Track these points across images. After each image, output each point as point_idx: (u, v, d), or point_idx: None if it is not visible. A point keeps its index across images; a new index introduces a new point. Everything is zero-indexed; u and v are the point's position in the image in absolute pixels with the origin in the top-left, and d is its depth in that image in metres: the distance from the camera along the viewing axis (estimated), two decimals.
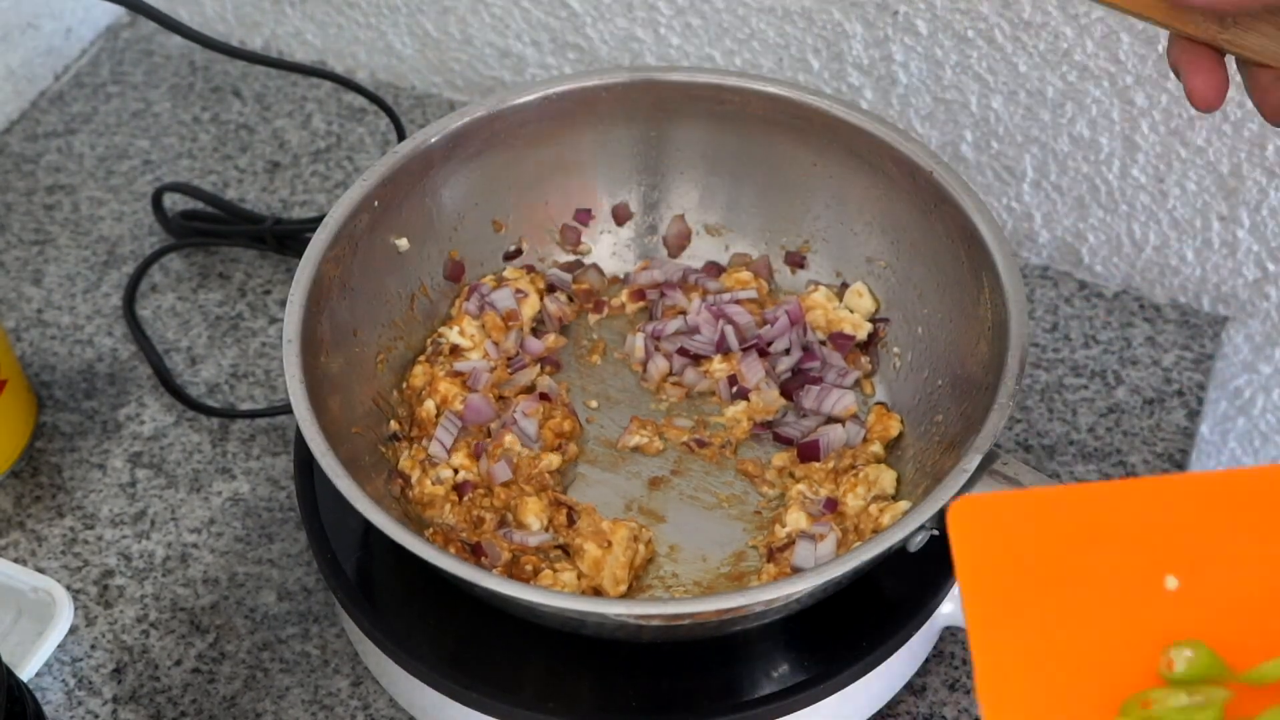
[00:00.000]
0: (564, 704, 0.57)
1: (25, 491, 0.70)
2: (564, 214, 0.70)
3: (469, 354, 0.66)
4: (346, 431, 0.60)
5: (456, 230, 0.68)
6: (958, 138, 0.79)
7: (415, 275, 0.67)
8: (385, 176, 0.63)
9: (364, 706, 0.62)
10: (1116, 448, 0.71)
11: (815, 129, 0.65)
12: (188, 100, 0.90)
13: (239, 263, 0.80)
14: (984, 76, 0.75)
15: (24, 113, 0.90)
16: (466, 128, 0.65)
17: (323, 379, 0.59)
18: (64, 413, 0.73)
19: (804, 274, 0.69)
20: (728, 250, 0.70)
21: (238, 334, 0.77)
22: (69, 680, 0.63)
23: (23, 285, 0.80)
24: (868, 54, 0.77)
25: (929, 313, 0.64)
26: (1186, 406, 0.73)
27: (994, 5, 0.72)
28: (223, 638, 0.64)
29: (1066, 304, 0.78)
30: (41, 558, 0.68)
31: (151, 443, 0.72)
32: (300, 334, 0.58)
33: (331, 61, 0.93)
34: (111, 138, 0.88)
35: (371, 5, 0.88)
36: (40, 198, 0.84)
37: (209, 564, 0.67)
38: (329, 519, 0.60)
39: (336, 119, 0.88)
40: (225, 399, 0.74)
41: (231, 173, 0.86)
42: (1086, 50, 0.72)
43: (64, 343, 0.77)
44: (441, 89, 0.91)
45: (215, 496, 0.70)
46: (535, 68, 0.87)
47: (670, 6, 0.80)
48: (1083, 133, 0.75)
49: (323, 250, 0.60)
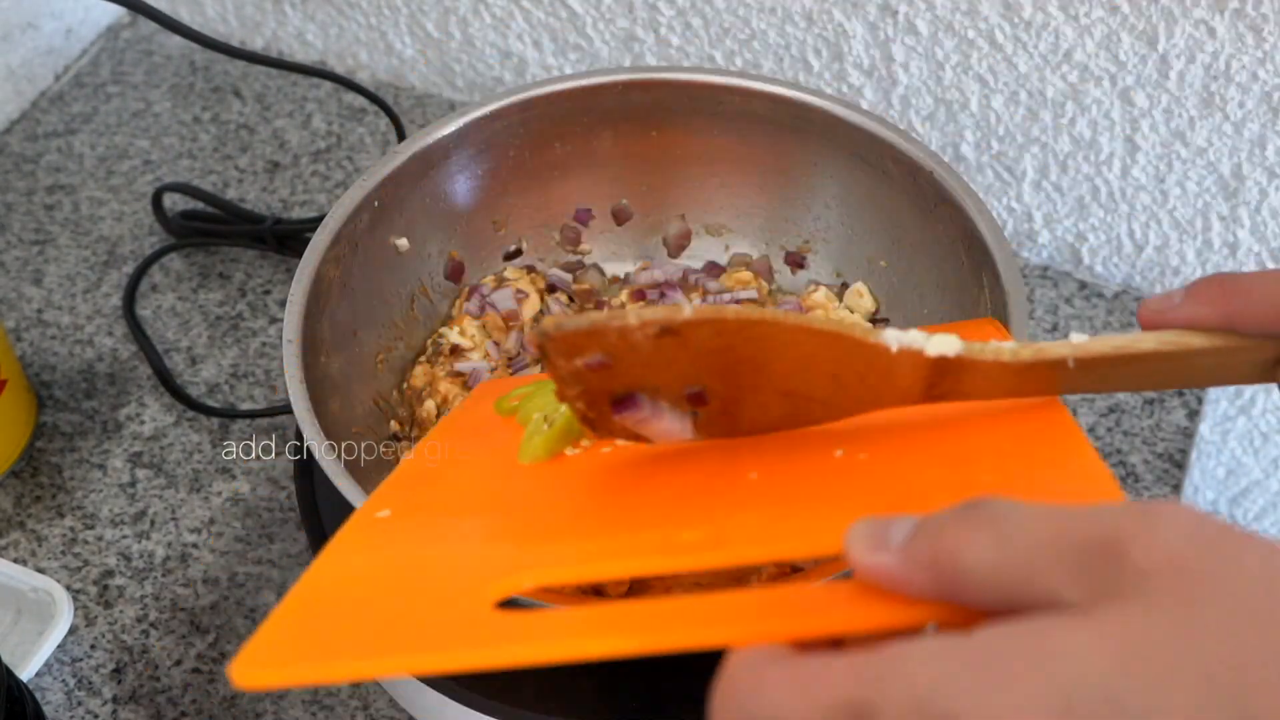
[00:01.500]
0: (564, 704, 0.57)
1: (25, 491, 0.70)
2: (564, 214, 0.70)
3: (469, 354, 0.66)
4: (346, 431, 0.60)
5: (456, 230, 0.68)
6: (958, 138, 0.79)
7: (415, 275, 0.67)
8: (385, 176, 0.63)
9: (364, 706, 0.62)
10: (1116, 447, 0.71)
11: (816, 129, 0.65)
12: (188, 100, 0.90)
13: (239, 263, 0.80)
14: (984, 77, 0.75)
15: (24, 113, 0.90)
16: (466, 128, 0.65)
17: (323, 379, 0.59)
18: (64, 413, 0.73)
19: (804, 274, 0.69)
20: (728, 250, 0.70)
21: (238, 334, 0.77)
22: (69, 680, 0.63)
23: (23, 285, 0.80)
24: (868, 54, 0.77)
25: (929, 313, 0.64)
26: (1186, 406, 0.73)
27: (994, 6, 0.72)
28: (223, 638, 0.64)
29: (1066, 304, 0.78)
30: (41, 558, 0.68)
31: (151, 443, 0.72)
32: (300, 334, 0.58)
33: (332, 62, 0.93)
34: (112, 138, 0.88)
35: (372, 6, 0.88)
36: (40, 198, 0.84)
37: (209, 564, 0.67)
38: (329, 519, 0.60)
39: (337, 119, 0.88)
40: (225, 399, 0.74)
41: (231, 173, 0.86)
42: (1087, 51, 0.72)
43: (64, 343, 0.77)
44: (442, 89, 0.91)
45: (215, 496, 0.70)
46: (536, 68, 0.87)
47: (671, 7, 0.80)
48: (1083, 133, 0.75)
49: (323, 250, 0.60)
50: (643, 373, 0.43)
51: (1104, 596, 0.26)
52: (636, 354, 0.42)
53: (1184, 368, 0.41)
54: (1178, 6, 0.68)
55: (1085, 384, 0.42)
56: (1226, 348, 0.40)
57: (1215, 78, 0.70)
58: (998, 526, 0.28)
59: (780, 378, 0.43)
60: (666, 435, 0.44)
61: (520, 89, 0.65)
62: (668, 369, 0.43)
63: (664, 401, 0.44)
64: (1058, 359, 0.41)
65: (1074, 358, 0.40)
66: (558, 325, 0.41)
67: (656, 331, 0.41)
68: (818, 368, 0.42)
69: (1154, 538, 0.27)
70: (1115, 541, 0.27)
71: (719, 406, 0.44)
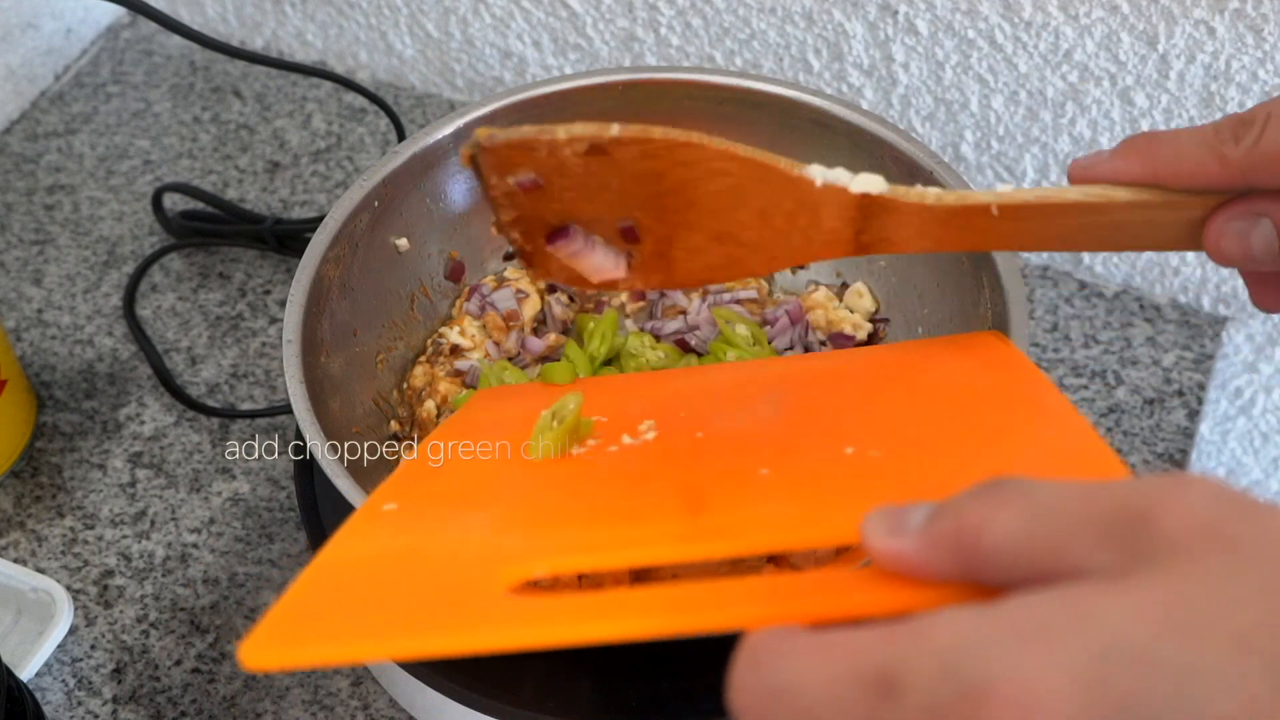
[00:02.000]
0: (564, 704, 0.57)
1: (25, 491, 0.70)
2: None
3: (470, 354, 0.66)
4: (346, 431, 0.60)
5: (456, 230, 0.68)
6: (958, 138, 0.79)
7: (415, 275, 0.67)
8: (385, 176, 0.63)
9: (364, 706, 0.62)
10: (1117, 448, 0.71)
11: (815, 129, 0.65)
12: (188, 100, 0.90)
13: (239, 263, 0.80)
14: (984, 77, 0.75)
15: (24, 113, 0.90)
16: (466, 127, 0.65)
17: (323, 379, 0.59)
18: (64, 413, 0.73)
19: (804, 274, 0.69)
20: None
21: (238, 334, 0.77)
22: (69, 680, 0.63)
23: (23, 285, 0.80)
24: (868, 54, 0.77)
25: (929, 313, 0.64)
26: (1187, 406, 0.73)
27: (994, 6, 0.72)
28: (223, 638, 0.64)
29: (1066, 304, 0.78)
30: (41, 558, 0.68)
31: (151, 443, 0.72)
32: (300, 334, 0.58)
33: (332, 62, 0.93)
34: (112, 138, 0.88)
35: (372, 6, 0.88)
36: (40, 198, 0.84)
37: (209, 564, 0.67)
38: (329, 519, 0.60)
39: (337, 119, 0.88)
40: (225, 399, 0.74)
41: (231, 173, 0.86)
42: (1087, 51, 0.72)
43: (64, 343, 0.77)
44: (442, 89, 0.91)
45: (215, 496, 0.70)
46: (536, 68, 0.87)
47: (671, 7, 0.80)
48: (1083, 133, 0.75)
49: (323, 250, 0.60)
50: (575, 198, 0.43)
51: (1137, 563, 0.26)
52: (568, 175, 0.42)
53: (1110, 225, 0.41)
54: (1178, 6, 0.68)
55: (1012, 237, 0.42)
56: (1150, 202, 0.40)
57: (1215, 78, 0.70)
58: (1023, 502, 0.28)
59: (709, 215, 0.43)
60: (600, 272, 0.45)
61: (520, 89, 0.65)
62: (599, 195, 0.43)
63: (597, 235, 0.44)
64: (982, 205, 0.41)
65: (998, 204, 0.41)
66: (490, 136, 0.42)
67: (585, 148, 0.42)
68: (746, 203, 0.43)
69: (1183, 506, 0.27)
70: (1144, 511, 0.27)
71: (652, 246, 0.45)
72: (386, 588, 0.36)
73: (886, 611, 0.29)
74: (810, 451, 0.43)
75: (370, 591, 0.35)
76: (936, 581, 0.29)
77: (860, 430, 0.44)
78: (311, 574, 0.36)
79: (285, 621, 0.33)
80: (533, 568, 0.35)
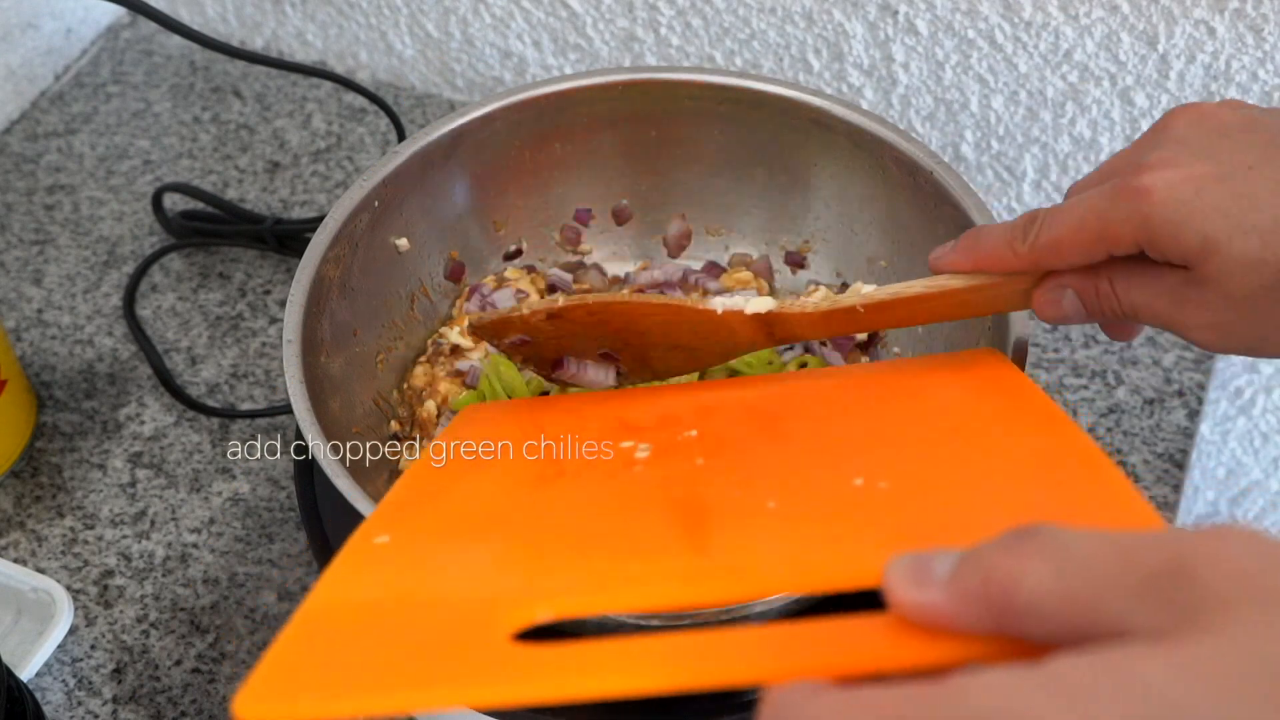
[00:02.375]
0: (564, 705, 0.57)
1: (25, 491, 0.70)
2: (564, 214, 0.70)
3: (470, 354, 0.66)
4: (347, 431, 0.60)
5: (456, 230, 0.68)
6: (958, 138, 0.79)
7: (415, 275, 0.67)
8: (385, 176, 0.63)
9: None
10: (1117, 448, 0.71)
11: (815, 129, 0.65)
12: (188, 100, 0.90)
13: (239, 263, 0.80)
14: (984, 77, 0.75)
15: (24, 113, 0.90)
16: (466, 127, 0.65)
17: (323, 379, 0.59)
18: (64, 413, 0.73)
19: (804, 274, 0.69)
20: (728, 250, 0.70)
21: (238, 334, 0.77)
22: (69, 680, 0.63)
23: (23, 285, 0.80)
24: (868, 54, 0.77)
25: None
26: (1187, 406, 0.73)
27: (994, 6, 0.72)
28: (223, 638, 0.64)
29: None
30: (41, 558, 0.68)
31: (151, 443, 0.72)
32: (300, 334, 0.58)
33: (332, 62, 0.93)
34: (112, 138, 0.88)
35: (373, 6, 0.88)
36: (40, 198, 0.84)
37: (209, 564, 0.67)
38: (329, 519, 0.60)
39: (336, 119, 0.88)
40: (225, 399, 0.74)
41: (231, 173, 0.86)
42: (1087, 51, 0.72)
43: (64, 343, 0.77)
44: (442, 89, 0.91)
45: (215, 496, 0.70)
46: (536, 68, 0.87)
47: (671, 7, 0.80)
48: (1083, 133, 0.75)
49: (323, 250, 0.60)
50: (556, 344, 0.57)
51: (1180, 622, 0.26)
52: (544, 332, 0.56)
53: (957, 302, 0.50)
54: (1178, 6, 0.68)
55: (881, 322, 0.52)
56: (981, 285, 0.49)
57: (1215, 78, 0.70)
58: (1057, 555, 0.28)
59: (659, 336, 0.55)
60: (596, 384, 0.58)
61: (520, 89, 0.65)
62: (573, 339, 0.56)
63: (587, 360, 0.57)
64: (849, 306, 0.51)
65: (862, 305, 0.51)
66: (479, 318, 0.57)
67: (544, 316, 0.55)
68: (679, 328, 0.54)
69: (1221, 558, 0.26)
70: (1183, 565, 0.26)
71: (628, 359, 0.57)
72: (384, 635, 0.35)
73: (916, 665, 0.29)
74: (818, 483, 0.43)
75: (368, 639, 0.34)
76: (965, 634, 0.29)
77: (867, 459, 0.44)
78: (305, 618, 0.35)
79: (281, 671, 0.32)
80: (535, 612, 0.35)
